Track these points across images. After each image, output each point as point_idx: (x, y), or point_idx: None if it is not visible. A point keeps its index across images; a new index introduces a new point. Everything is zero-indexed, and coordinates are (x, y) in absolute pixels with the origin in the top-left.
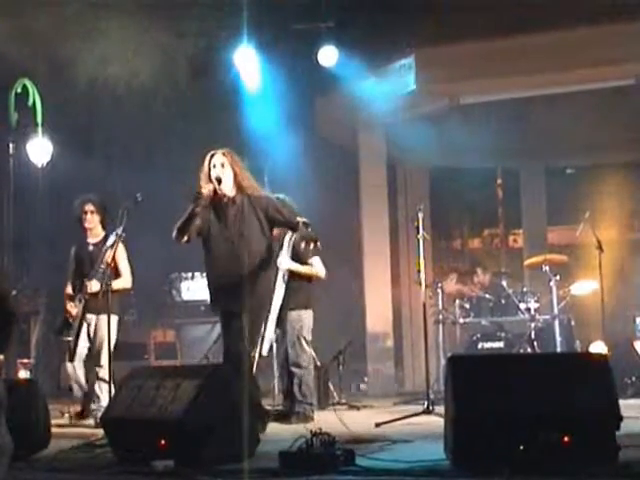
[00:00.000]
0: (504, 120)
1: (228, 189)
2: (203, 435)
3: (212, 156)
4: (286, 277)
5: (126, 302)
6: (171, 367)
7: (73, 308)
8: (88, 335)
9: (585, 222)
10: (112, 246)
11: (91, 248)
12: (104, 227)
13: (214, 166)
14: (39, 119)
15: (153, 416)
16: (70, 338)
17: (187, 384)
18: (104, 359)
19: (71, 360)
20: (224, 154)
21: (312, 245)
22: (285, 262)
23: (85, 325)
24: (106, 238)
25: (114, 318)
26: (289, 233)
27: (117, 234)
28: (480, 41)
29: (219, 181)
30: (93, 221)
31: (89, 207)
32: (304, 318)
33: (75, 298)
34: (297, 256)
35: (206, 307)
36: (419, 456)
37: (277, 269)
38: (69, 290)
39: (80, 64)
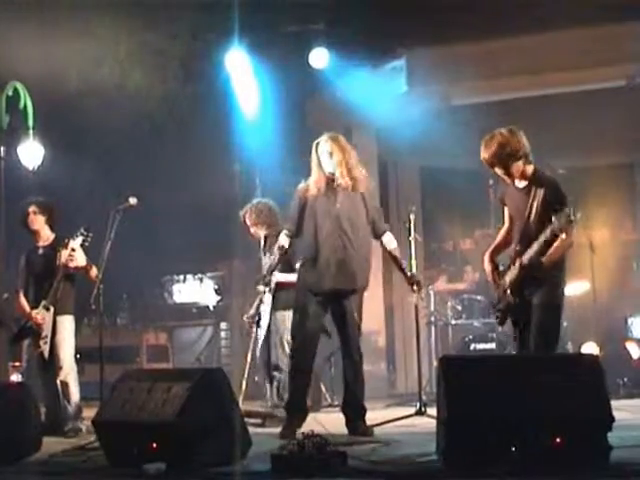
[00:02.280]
0: (495, 121)
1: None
2: (195, 438)
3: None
4: (272, 286)
5: (118, 305)
6: (163, 370)
7: (39, 315)
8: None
9: (576, 223)
10: (82, 243)
11: (41, 251)
12: (52, 229)
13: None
14: (30, 122)
15: (145, 419)
16: (42, 348)
17: (179, 387)
18: (65, 361)
19: (46, 370)
20: None
21: None
22: (276, 275)
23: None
24: (57, 240)
25: (71, 318)
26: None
27: (79, 232)
28: (471, 43)
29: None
30: (37, 222)
31: (32, 208)
32: (287, 320)
33: (40, 305)
34: (287, 262)
35: (198, 310)
36: (411, 458)
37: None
38: (22, 298)
39: (71, 67)
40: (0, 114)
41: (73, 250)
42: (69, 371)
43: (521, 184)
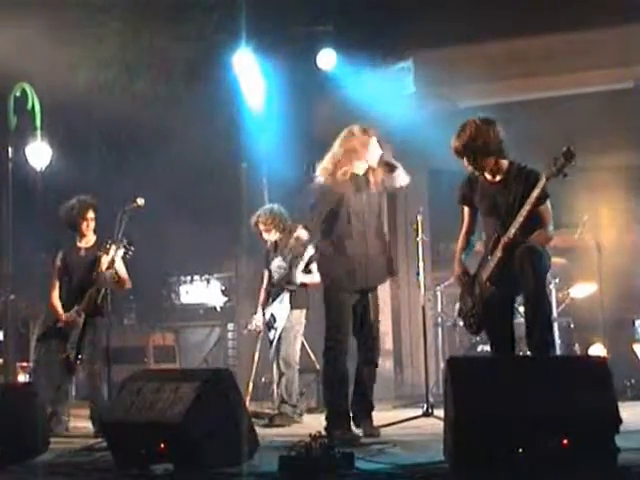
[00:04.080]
0: (502, 123)
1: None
2: (202, 439)
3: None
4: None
5: (124, 305)
6: (171, 370)
7: (71, 318)
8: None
9: (584, 225)
10: (124, 255)
11: (83, 253)
12: (95, 231)
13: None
14: (38, 123)
15: (152, 419)
16: (68, 352)
17: (186, 387)
18: (98, 360)
19: (72, 374)
20: None
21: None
22: (300, 277)
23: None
24: (98, 243)
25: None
26: (309, 249)
27: (122, 243)
28: (478, 44)
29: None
30: (91, 228)
31: (91, 214)
32: (303, 320)
33: (73, 309)
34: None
35: (205, 310)
36: (418, 459)
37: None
38: (56, 298)
39: (79, 68)
40: (8, 115)
41: (113, 261)
42: (100, 370)
43: (496, 178)
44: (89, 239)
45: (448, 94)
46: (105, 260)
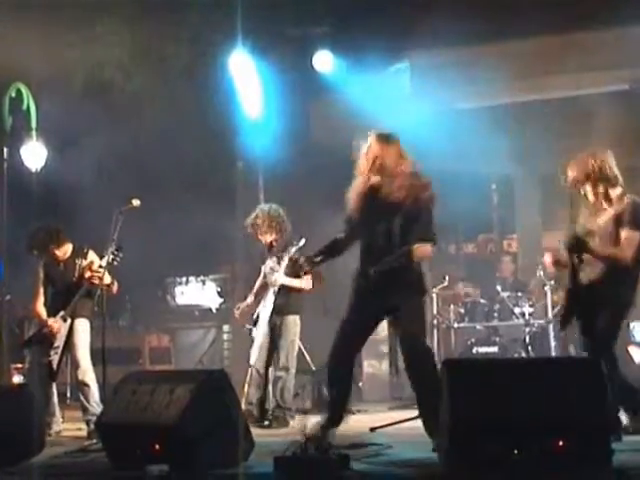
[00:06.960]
0: (499, 125)
1: None
2: (198, 440)
3: None
4: (277, 290)
5: (120, 307)
6: (166, 372)
7: (55, 325)
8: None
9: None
10: (111, 262)
11: (62, 267)
12: (70, 241)
13: None
14: (33, 123)
15: (148, 421)
16: (52, 357)
17: (182, 389)
18: (82, 361)
19: (53, 380)
20: None
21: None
22: (282, 279)
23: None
24: (75, 252)
25: (85, 321)
26: (289, 248)
27: (113, 252)
28: (475, 46)
29: None
30: (65, 249)
31: (66, 246)
32: (298, 323)
33: (58, 315)
34: (293, 268)
35: (200, 312)
36: (414, 461)
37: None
38: (40, 306)
39: (75, 69)
40: (3, 115)
41: (101, 267)
42: (86, 371)
43: (604, 207)
44: (65, 251)
45: (445, 95)
46: (84, 263)
